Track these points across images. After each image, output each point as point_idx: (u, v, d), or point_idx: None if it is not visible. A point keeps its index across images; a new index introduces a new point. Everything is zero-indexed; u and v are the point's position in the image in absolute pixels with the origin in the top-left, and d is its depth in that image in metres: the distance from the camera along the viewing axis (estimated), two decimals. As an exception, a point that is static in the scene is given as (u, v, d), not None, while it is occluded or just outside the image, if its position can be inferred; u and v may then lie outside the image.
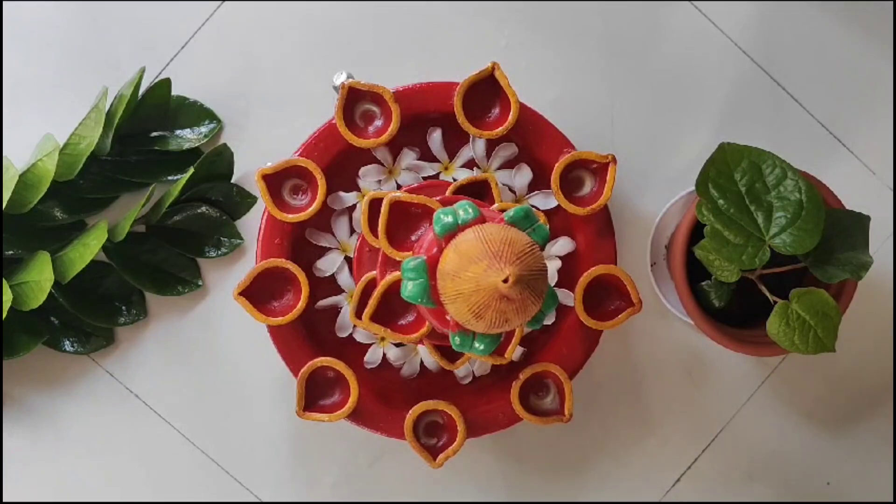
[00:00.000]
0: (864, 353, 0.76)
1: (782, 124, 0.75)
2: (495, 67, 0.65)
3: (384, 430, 0.67)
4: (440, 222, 0.53)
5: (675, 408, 0.76)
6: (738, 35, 0.75)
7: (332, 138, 0.66)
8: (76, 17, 0.74)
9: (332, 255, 0.68)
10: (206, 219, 0.73)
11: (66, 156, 0.68)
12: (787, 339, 0.63)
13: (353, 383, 0.65)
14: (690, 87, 0.75)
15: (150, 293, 0.73)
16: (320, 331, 0.69)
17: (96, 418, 0.74)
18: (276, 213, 0.65)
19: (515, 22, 0.75)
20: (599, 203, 0.65)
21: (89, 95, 0.72)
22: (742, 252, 0.62)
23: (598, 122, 0.75)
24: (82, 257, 0.67)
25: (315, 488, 0.75)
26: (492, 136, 0.65)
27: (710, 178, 0.63)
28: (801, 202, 0.62)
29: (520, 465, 0.75)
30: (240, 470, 0.75)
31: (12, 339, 0.70)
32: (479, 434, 0.67)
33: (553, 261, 0.69)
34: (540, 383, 0.67)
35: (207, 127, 0.73)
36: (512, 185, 0.68)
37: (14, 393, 0.74)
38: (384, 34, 0.74)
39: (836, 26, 0.75)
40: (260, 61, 0.74)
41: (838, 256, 0.64)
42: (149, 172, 0.72)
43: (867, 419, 0.77)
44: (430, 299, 0.53)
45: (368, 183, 0.68)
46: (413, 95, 0.66)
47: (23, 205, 0.68)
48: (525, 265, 0.50)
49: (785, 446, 0.76)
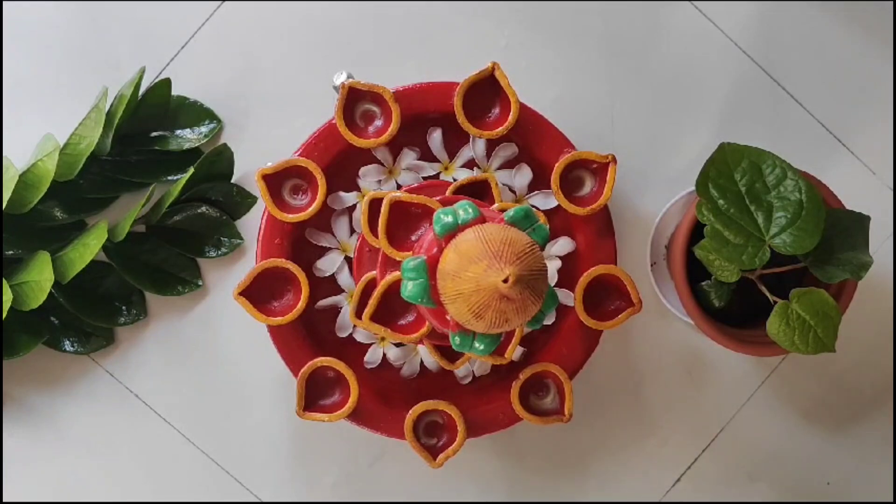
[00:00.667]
0: (864, 353, 0.76)
1: (782, 124, 0.75)
2: (495, 67, 0.65)
3: (384, 430, 0.67)
4: (440, 222, 0.53)
5: (675, 408, 0.76)
6: (738, 35, 0.75)
7: (332, 138, 0.66)
8: (76, 17, 0.74)
9: (332, 255, 0.68)
10: (206, 219, 0.73)
11: (66, 156, 0.68)
12: (787, 339, 0.63)
13: (353, 383, 0.65)
14: (690, 87, 0.75)
15: (150, 293, 0.73)
16: (320, 331, 0.69)
17: (96, 418, 0.74)
18: (276, 213, 0.65)
19: (515, 22, 0.75)
20: (599, 203, 0.65)
21: (89, 95, 0.72)
22: (742, 252, 0.62)
23: (598, 122, 0.75)
24: (82, 257, 0.67)
25: (315, 488, 0.75)
26: (492, 136, 0.65)
27: (710, 178, 0.63)
28: (801, 202, 0.62)
29: (520, 465, 0.75)
30: (240, 470, 0.75)
31: (12, 339, 0.70)
32: (479, 434, 0.67)
33: (553, 261, 0.69)
34: (540, 383, 0.67)
35: (207, 127, 0.73)
36: (512, 185, 0.68)
37: (14, 393, 0.74)
38: (384, 34, 0.74)
39: (836, 26, 0.75)
40: (260, 61, 0.74)
41: (838, 256, 0.64)
42: (149, 172, 0.72)
43: (867, 419, 0.77)
44: (430, 299, 0.53)
45: (368, 183, 0.68)
46: (413, 95, 0.66)
47: (23, 205, 0.68)
48: (525, 265, 0.50)
49: (785, 446, 0.76)
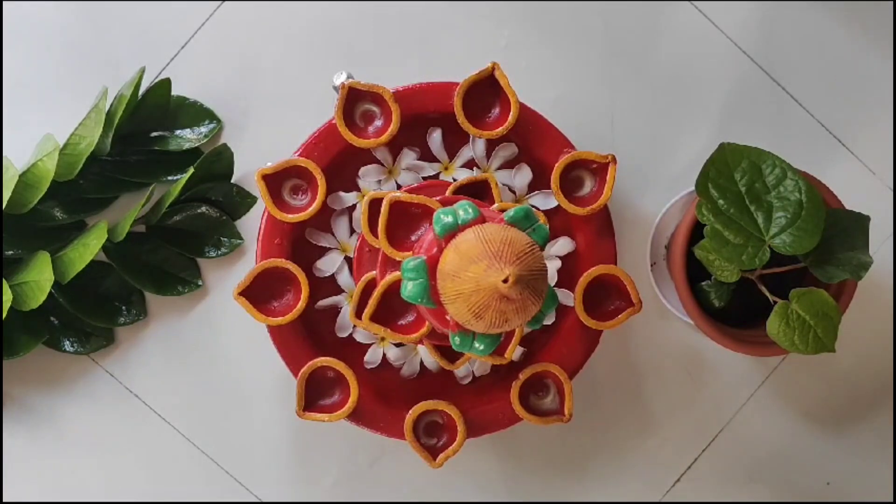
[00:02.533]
0: (864, 353, 0.76)
1: (782, 124, 0.75)
2: (495, 67, 0.65)
3: (384, 430, 0.67)
4: (440, 222, 0.53)
5: (675, 408, 0.76)
6: (738, 35, 0.75)
7: (332, 138, 0.66)
8: (76, 17, 0.74)
9: (332, 255, 0.68)
10: (206, 219, 0.73)
11: (66, 156, 0.68)
12: (787, 339, 0.63)
13: (353, 383, 0.65)
14: (690, 87, 0.75)
15: (150, 293, 0.73)
16: (320, 331, 0.69)
17: (96, 418, 0.74)
18: (276, 213, 0.64)
19: (515, 22, 0.75)
20: (599, 203, 0.65)
21: (89, 95, 0.72)
22: (742, 252, 0.62)
23: (598, 122, 0.75)
24: (82, 257, 0.67)
25: (315, 488, 0.75)
26: (492, 136, 0.65)
27: (710, 178, 0.63)
28: (801, 202, 0.62)
29: (520, 465, 0.75)
30: (240, 470, 0.75)
31: (12, 339, 0.70)
32: (479, 434, 0.67)
33: (553, 261, 0.69)
34: (540, 383, 0.67)
35: (207, 127, 0.73)
36: (512, 185, 0.68)
37: (14, 393, 0.74)
38: (384, 34, 0.74)
39: (836, 26, 0.75)
40: (260, 61, 0.74)
41: (838, 256, 0.64)
42: (149, 172, 0.72)
43: (867, 419, 0.77)
44: (430, 299, 0.53)
45: (368, 183, 0.68)
46: (413, 95, 0.66)
47: (23, 205, 0.68)
48: (525, 265, 0.50)
49: (785, 446, 0.76)
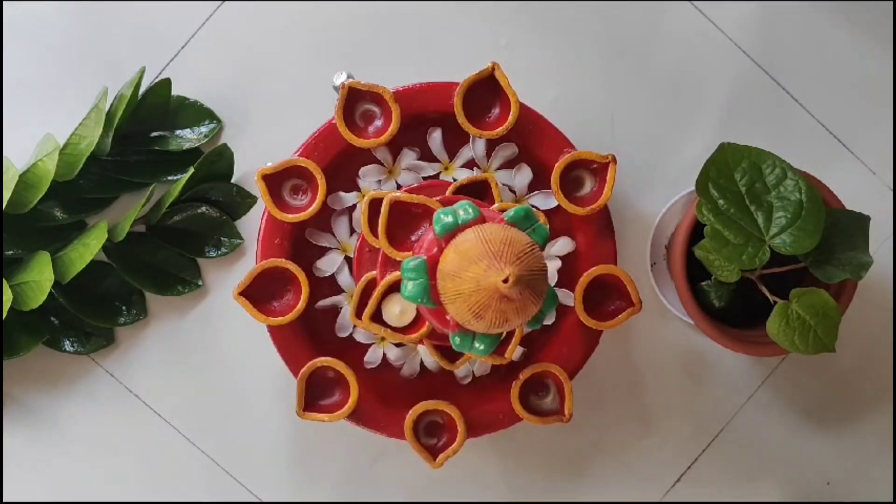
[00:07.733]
0: (864, 353, 0.76)
1: (783, 124, 0.75)
2: (495, 67, 0.65)
3: (384, 430, 0.67)
4: (440, 222, 0.53)
5: (675, 408, 0.76)
6: (738, 35, 0.75)
7: (332, 138, 0.66)
8: (76, 17, 0.74)
9: (332, 255, 0.68)
10: (206, 219, 0.73)
11: (66, 156, 0.68)
12: (787, 339, 0.63)
13: (353, 383, 0.65)
14: (691, 86, 0.75)
15: (150, 293, 0.73)
16: (320, 331, 0.69)
17: (96, 418, 0.74)
18: (276, 213, 0.65)
19: (515, 22, 0.75)
20: (599, 203, 0.65)
21: (89, 95, 0.72)
22: (742, 252, 0.62)
23: (598, 122, 0.75)
24: (82, 257, 0.67)
25: (315, 488, 0.75)
26: (492, 136, 0.65)
27: (710, 178, 0.63)
28: (801, 202, 0.62)
29: (520, 465, 0.75)
30: (240, 470, 0.75)
31: (12, 339, 0.70)
32: (479, 434, 0.67)
33: (553, 261, 0.69)
34: (540, 383, 0.67)
35: (207, 127, 0.73)
36: (512, 185, 0.68)
37: (14, 393, 0.74)
38: (384, 34, 0.74)
39: (836, 26, 0.75)
40: (260, 61, 0.74)
41: (838, 256, 0.64)
42: (149, 172, 0.72)
43: (867, 419, 0.77)
44: (430, 299, 0.53)
45: (368, 183, 0.68)
46: (413, 95, 0.66)
47: (23, 205, 0.68)
48: (525, 265, 0.50)
49: (785, 446, 0.76)
